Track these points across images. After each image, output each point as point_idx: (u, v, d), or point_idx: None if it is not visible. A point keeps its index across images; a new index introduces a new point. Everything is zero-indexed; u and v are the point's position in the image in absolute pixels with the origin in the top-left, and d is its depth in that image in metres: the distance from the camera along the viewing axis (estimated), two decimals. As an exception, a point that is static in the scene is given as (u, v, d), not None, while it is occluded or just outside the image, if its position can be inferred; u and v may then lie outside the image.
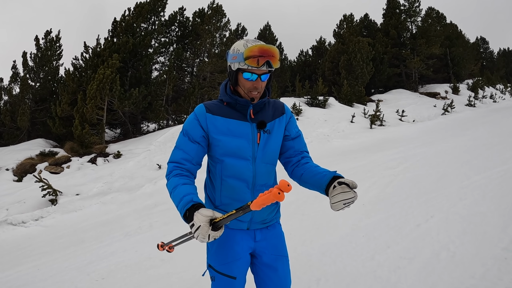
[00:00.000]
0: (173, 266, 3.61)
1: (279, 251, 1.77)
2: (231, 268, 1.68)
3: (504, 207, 3.90)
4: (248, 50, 1.57)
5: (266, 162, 1.71)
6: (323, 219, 4.40)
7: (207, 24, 17.74)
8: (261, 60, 1.55)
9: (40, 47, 16.38)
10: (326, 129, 12.97)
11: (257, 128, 1.69)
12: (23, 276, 4.15)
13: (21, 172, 10.38)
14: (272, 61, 1.57)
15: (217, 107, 1.72)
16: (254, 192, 1.69)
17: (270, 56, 1.56)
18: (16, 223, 6.43)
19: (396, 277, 2.77)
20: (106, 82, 12.13)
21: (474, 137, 9.44)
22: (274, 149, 1.74)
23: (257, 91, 1.64)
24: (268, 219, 1.77)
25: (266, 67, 1.57)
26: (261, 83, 1.63)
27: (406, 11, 25.19)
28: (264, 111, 1.74)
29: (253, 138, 1.68)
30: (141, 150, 10.92)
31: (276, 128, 1.74)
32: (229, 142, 1.66)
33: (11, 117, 15.39)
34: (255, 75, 1.60)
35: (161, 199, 7.09)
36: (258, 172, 1.69)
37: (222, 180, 1.70)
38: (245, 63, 1.57)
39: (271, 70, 1.63)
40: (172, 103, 16.32)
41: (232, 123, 1.67)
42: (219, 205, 1.72)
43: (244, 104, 1.67)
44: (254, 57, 1.55)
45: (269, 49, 1.57)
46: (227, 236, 1.70)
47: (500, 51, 44.14)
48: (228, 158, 1.67)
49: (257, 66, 1.55)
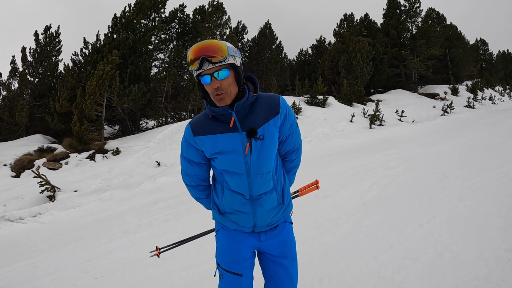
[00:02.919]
0: (174, 265, 3.58)
1: (286, 250, 1.75)
2: (236, 266, 1.69)
3: (506, 209, 3.88)
4: (188, 56, 1.49)
5: (262, 173, 1.62)
6: (325, 219, 4.38)
7: (207, 21, 17.68)
8: (196, 61, 1.44)
9: (40, 43, 16.28)
10: (325, 128, 12.95)
11: (247, 137, 1.55)
12: (21, 273, 4.11)
13: (19, 168, 10.31)
14: (208, 56, 1.43)
15: (202, 124, 1.62)
16: (253, 202, 1.66)
17: (204, 53, 1.44)
18: (14, 219, 6.38)
19: (400, 278, 2.75)
20: (105, 78, 12.07)
21: (474, 138, 9.43)
22: (269, 156, 1.62)
23: (221, 92, 1.49)
24: (274, 221, 1.74)
25: (210, 64, 1.44)
26: (219, 82, 1.47)
27: (406, 12, 25.22)
28: (254, 114, 1.58)
29: (244, 150, 1.57)
30: (140, 147, 10.88)
31: (270, 131, 1.59)
32: (222, 160, 1.61)
33: (9, 113, 15.30)
34: (207, 76, 1.47)
35: (160, 196, 7.06)
36: (253, 185, 1.63)
37: (223, 191, 1.70)
38: (192, 70, 1.49)
39: (222, 65, 1.47)
40: (172, 100, 16.27)
41: (220, 139, 1.58)
42: (224, 212, 1.74)
43: (225, 113, 1.55)
44: (192, 61, 1.46)
45: (201, 46, 1.45)
46: (232, 236, 1.74)
47: (500, 53, 44.28)
48: (225, 173, 1.66)
49: (197, 68, 1.46)
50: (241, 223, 1.70)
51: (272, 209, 1.69)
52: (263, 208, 1.66)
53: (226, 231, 1.76)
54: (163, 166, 9.28)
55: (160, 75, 15.72)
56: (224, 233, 1.77)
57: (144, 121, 16.68)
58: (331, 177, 6.47)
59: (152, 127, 15.92)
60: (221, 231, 1.78)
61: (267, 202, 1.66)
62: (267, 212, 1.68)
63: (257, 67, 23.97)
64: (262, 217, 1.68)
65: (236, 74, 1.53)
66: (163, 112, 15.21)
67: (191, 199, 6.70)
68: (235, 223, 1.71)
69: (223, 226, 1.78)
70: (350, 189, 5.63)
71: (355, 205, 4.79)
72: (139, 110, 14.78)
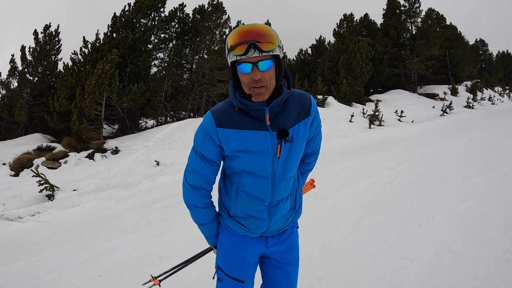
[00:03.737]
0: (172, 265, 3.57)
1: (290, 257, 1.70)
2: (240, 272, 1.62)
3: (505, 209, 3.88)
4: (230, 39, 1.31)
5: (287, 177, 1.51)
6: (323, 218, 4.38)
7: (207, 21, 17.65)
8: (243, 45, 1.26)
9: (39, 41, 16.24)
10: (325, 128, 12.94)
11: (277, 138, 1.42)
12: (19, 272, 4.10)
13: (18, 167, 10.29)
14: (258, 42, 1.26)
15: (228, 116, 1.43)
16: (270, 208, 1.54)
17: (253, 38, 1.26)
18: (13, 218, 6.37)
19: (399, 278, 2.74)
20: (105, 78, 12.05)
21: (473, 139, 9.44)
22: (296, 159, 1.52)
23: (260, 85, 1.33)
24: (284, 227, 1.67)
25: (256, 52, 1.27)
26: (260, 73, 1.31)
27: (406, 12, 25.22)
28: (285, 113, 1.45)
29: (274, 152, 1.43)
30: (139, 146, 10.87)
31: (300, 133, 1.48)
32: (247, 160, 1.44)
33: (8, 111, 15.25)
34: (249, 64, 1.30)
35: (159, 196, 7.05)
36: (277, 190, 1.51)
37: (238, 193, 1.55)
38: (233, 55, 1.30)
39: (268, 55, 1.30)
40: (171, 100, 16.25)
41: (248, 137, 1.41)
42: (234, 216, 1.60)
43: (258, 109, 1.40)
44: (237, 45, 1.27)
45: (250, 29, 1.28)
46: (238, 241, 1.64)
47: (499, 54, 44.29)
48: (245, 174, 1.49)
49: (241, 54, 1.27)
50: (253, 229, 1.58)
51: (285, 214, 1.61)
52: (278, 214, 1.57)
53: (231, 234, 1.64)
54: (162, 166, 9.27)
55: (160, 75, 15.69)
56: (229, 235, 1.65)
57: (143, 121, 16.65)
58: (330, 177, 6.47)
59: (152, 127, 15.89)
60: (226, 233, 1.66)
61: (282, 208, 1.57)
62: (281, 218, 1.60)
63: (257, 66, 23.91)
64: (276, 224, 1.60)
65: (278, 67, 1.38)
66: (163, 111, 15.18)
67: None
68: (245, 228, 1.59)
69: (228, 229, 1.66)
70: (349, 189, 5.63)
71: (354, 205, 4.79)
72: (138, 109, 14.76)
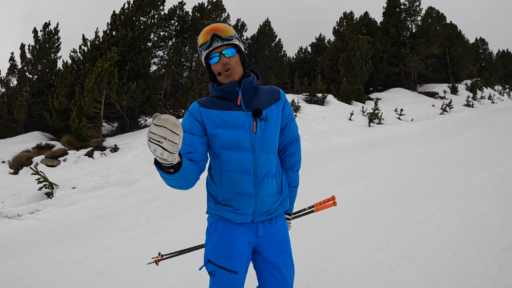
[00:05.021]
0: (170, 262, 3.56)
1: (282, 247, 1.72)
2: (233, 262, 1.62)
3: (504, 207, 3.88)
4: (199, 39, 1.67)
5: (266, 150, 1.66)
6: (321, 216, 4.35)
7: (206, 19, 17.62)
8: (207, 37, 1.61)
9: (38, 39, 16.21)
10: (324, 126, 12.94)
11: (253, 117, 1.64)
12: (18, 269, 4.10)
13: (17, 164, 10.29)
14: (218, 32, 1.61)
15: (210, 101, 1.70)
16: (257, 183, 1.63)
17: (214, 31, 1.61)
18: (12, 216, 6.37)
19: (397, 276, 2.74)
20: (104, 76, 12.03)
21: (473, 137, 9.43)
22: (272, 136, 1.69)
23: (227, 68, 1.63)
24: (272, 210, 1.71)
25: (218, 41, 1.61)
26: (226, 59, 1.62)
27: (406, 10, 25.16)
28: (258, 97, 1.70)
29: (250, 128, 1.63)
30: (138, 144, 10.86)
31: (273, 114, 1.70)
32: (226, 135, 1.62)
33: (8, 110, 15.24)
34: (216, 54, 1.62)
35: (158, 193, 7.05)
36: (258, 162, 1.63)
37: (222, 175, 1.64)
38: (203, 50, 1.65)
39: (228, 43, 1.63)
40: (170, 98, 16.24)
41: (226, 114, 1.64)
42: (222, 201, 1.67)
43: (232, 91, 1.65)
44: (204, 40, 1.63)
45: (211, 27, 1.64)
46: (228, 230, 1.66)
47: (499, 52, 44.23)
48: (226, 151, 1.62)
49: (208, 44, 1.61)
50: (242, 209, 1.64)
51: (272, 195, 1.68)
52: (264, 192, 1.65)
53: (220, 224, 1.70)
54: (162, 164, 9.25)
55: (159, 72, 15.66)
56: (217, 226, 1.70)
57: (142, 118, 16.62)
58: (329, 175, 6.46)
59: (151, 124, 15.86)
60: (214, 225, 1.72)
61: (268, 186, 1.66)
62: (268, 197, 1.66)
63: (256, 64, 23.92)
64: (263, 201, 1.65)
65: (242, 56, 1.69)
66: (162, 109, 15.15)
67: (188, 196, 6.67)
68: (234, 211, 1.65)
69: (217, 220, 1.72)
70: (348, 187, 5.62)
71: (353, 203, 4.79)
72: (137, 107, 14.74)
